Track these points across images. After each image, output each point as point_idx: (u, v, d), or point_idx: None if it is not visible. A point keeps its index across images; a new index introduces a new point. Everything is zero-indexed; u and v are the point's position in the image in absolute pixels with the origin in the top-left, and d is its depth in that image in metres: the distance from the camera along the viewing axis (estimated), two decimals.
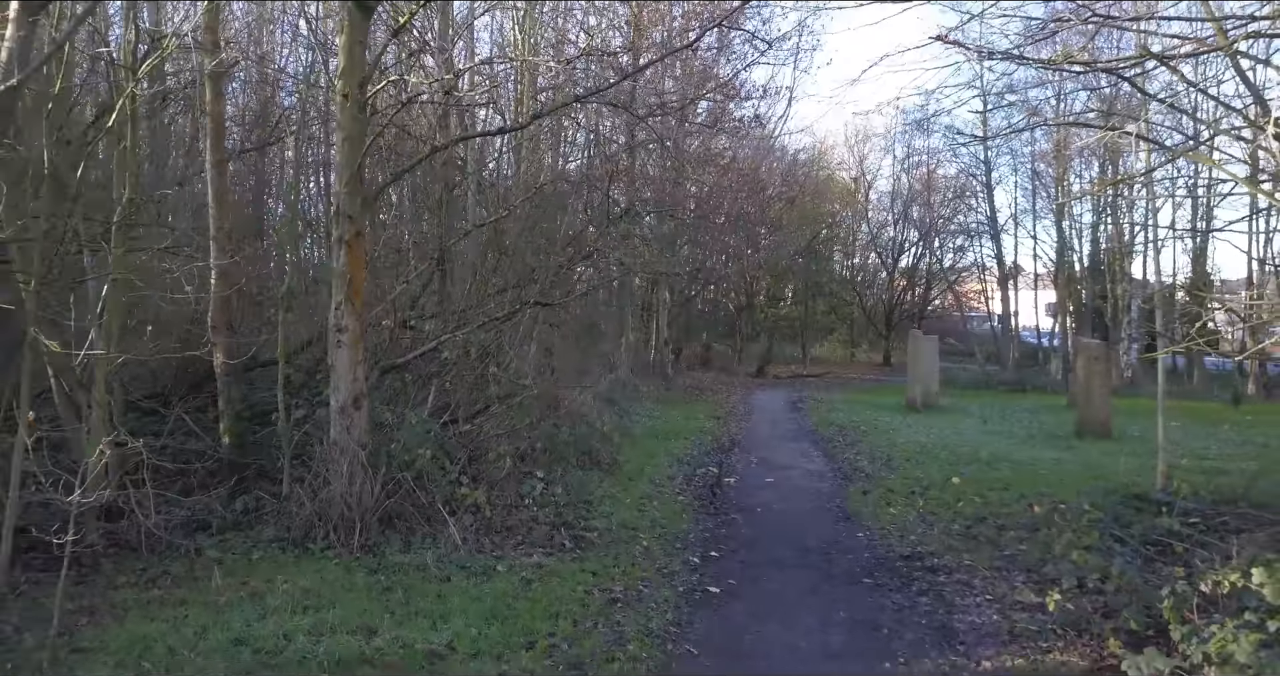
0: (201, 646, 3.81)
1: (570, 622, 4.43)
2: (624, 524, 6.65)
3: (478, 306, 7.90)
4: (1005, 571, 5.64)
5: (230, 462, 6.70)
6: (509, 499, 6.38)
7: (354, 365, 5.91)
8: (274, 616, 4.20)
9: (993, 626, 4.66)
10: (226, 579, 4.73)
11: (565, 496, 6.72)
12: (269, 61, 12.76)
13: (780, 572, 5.71)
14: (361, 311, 5.94)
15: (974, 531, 6.73)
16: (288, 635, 3.95)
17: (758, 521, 7.19)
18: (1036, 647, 4.30)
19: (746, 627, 4.63)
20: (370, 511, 5.71)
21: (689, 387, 18.73)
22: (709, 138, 16.15)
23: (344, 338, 5.87)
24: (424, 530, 5.79)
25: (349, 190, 5.81)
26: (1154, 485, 7.69)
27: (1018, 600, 5.03)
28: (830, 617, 4.81)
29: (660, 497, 7.78)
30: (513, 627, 4.29)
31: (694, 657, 4.18)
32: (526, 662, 3.90)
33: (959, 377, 22.58)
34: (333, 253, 5.92)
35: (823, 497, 8.17)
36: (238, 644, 3.84)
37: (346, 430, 5.86)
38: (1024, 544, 6.12)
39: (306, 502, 5.77)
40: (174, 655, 3.71)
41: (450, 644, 4.02)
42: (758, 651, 4.30)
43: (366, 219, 6.08)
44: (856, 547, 6.35)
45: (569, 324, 11.74)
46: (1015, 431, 13.39)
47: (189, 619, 4.16)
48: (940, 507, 7.51)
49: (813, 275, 29.58)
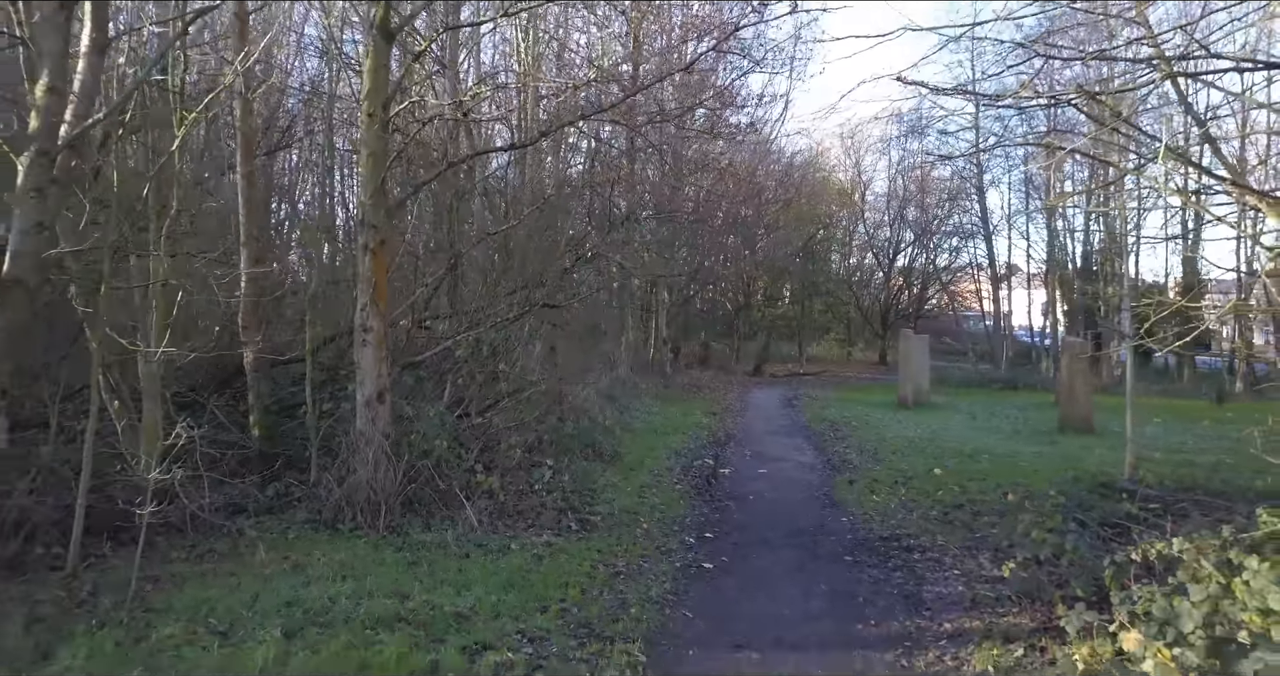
0: (257, 607, 4.34)
1: (579, 591, 4.97)
2: (625, 509, 7.19)
3: (488, 307, 8.41)
4: (974, 550, 6.16)
5: (260, 453, 7.23)
6: (520, 485, 6.91)
7: (378, 362, 6.44)
8: (316, 584, 4.74)
9: (957, 596, 5.19)
10: (269, 553, 5.26)
11: (571, 484, 7.24)
12: (279, 70, 13.28)
13: (769, 551, 6.24)
14: (385, 313, 6.47)
15: (950, 516, 7.26)
16: (331, 599, 4.49)
17: (750, 508, 7.73)
18: (994, 612, 4.83)
19: (736, 597, 5.17)
20: (394, 496, 6.24)
21: (687, 385, 19.24)
22: (706, 142, 16.65)
23: (369, 337, 6.40)
24: (443, 513, 6.32)
25: (373, 202, 6.35)
26: (1122, 475, 8.26)
27: (982, 574, 5.57)
28: (812, 589, 5.35)
29: (659, 487, 8.32)
30: (528, 595, 4.83)
31: (689, 620, 4.72)
32: (541, 623, 4.44)
33: (953, 376, 23.03)
34: (358, 259, 6.44)
35: (811, 487, 8.70)
36: (288, 605, 4.38)
37: (371, 421, 6.39)
38: (995, 527, 6.64)
39: (335, 488, 6.30)
40: (234, 614, 4.25)
41: (473, 607, 4.55)
42: (745, 615, 4.84)
43: (389, 227, 6.60)
44: (840, 530, 6.89)
45: (572, 324, 12.25)
46: (1001, 427, 13.90)
47: (241, 586, 4.69)
48: (920, 496, 8.04)
49: (809, 275, 30.08)
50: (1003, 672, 3.96)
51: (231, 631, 4.03)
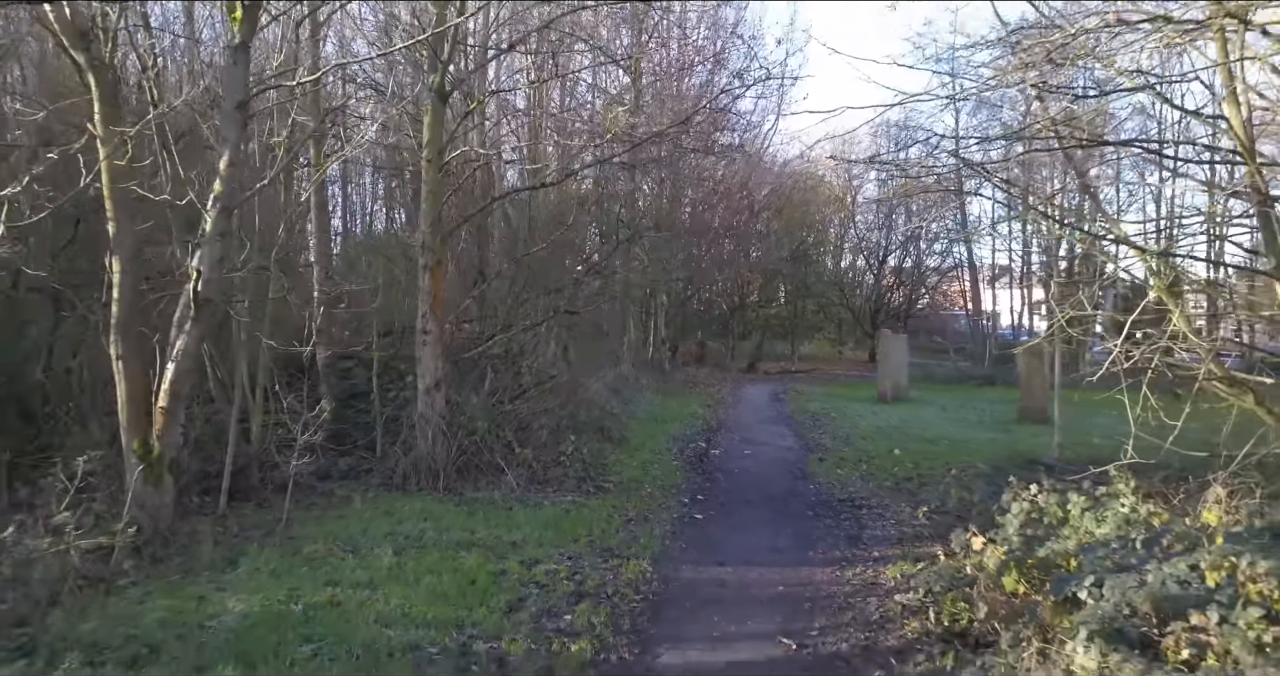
0: (367, 536, 5.95)
1: (600, 530, 6.58)
2: (632, 479, 8.79)
3: (515, 312, 10.02)
4: (911, 507, 7.76)
5: (331, 432, 8.83)
6: (547, 459, 8.53)
7: (435, 358, 8.04)
8: (405, 523, 6.35)
9: (888, 536, 6.80)
10: (364, 504, 6.87)
11: (589, 458, 8.85)
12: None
13: (748, 509, 7.86)
14: (441, 318, 8.07)
15: (899, 486, 8.86)
16: (420, 532, 6.10)
17: (735, 479, 9.34)
18: (912, 545, 6.42)
19: (720, 536, 6.79)
20: (449, 464, 7.85)
21: (684, 381, 20.82)
22: (699, 158, 18.22)
23: (428, 338, 8.00)
24: (488, 479, 7.94)
25: (431, 230, 7.95)
26: (1049, 454, 9.88)
27: (912, 523, 7.16)
28: (778, 532, 6.96)
29: (659, 463, 9.93)
30: (562, 532, 6.44)
31: (684, 549, 6.35)
32: (575, 549, 6.05)
33: (935, 373, 24.43)
34: (419, 275, 8.04)
35: (788, 464, 10.31)
36: (390, 535, 5.98)
37: (430, 406, 7.99)
38: (934, 492, 8.25)
39: (401, 458, 7.91)
40: (353, 540, 5.85)
41: (523, 539, 6.15)
42: (726, 547, 6.45)
43: (444, 250, 8.20)
44: (807, 495, 8.50)
45: (581, 326, 13.84)
46: (967, 418, 15.48)
47: (350, 525, 6.30)
48: (879, 471, 9.64)
49: (802, 277, 31.65)
50: (904, 578, 5.55)
51: (356, 550, 5.64)
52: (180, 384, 5.46)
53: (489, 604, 4.80)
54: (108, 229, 5.47)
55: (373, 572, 5.19)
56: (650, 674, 4.19)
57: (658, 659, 4.36)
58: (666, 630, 4.73)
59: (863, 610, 5.11)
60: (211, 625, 4.27)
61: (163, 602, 4.53)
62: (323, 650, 4.05)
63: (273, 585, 4.89)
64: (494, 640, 4.34)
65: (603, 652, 4.34)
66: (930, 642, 4.52)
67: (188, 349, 5.43)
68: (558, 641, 4.37)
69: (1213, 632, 3.56)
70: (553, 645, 4.32)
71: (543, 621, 4.66)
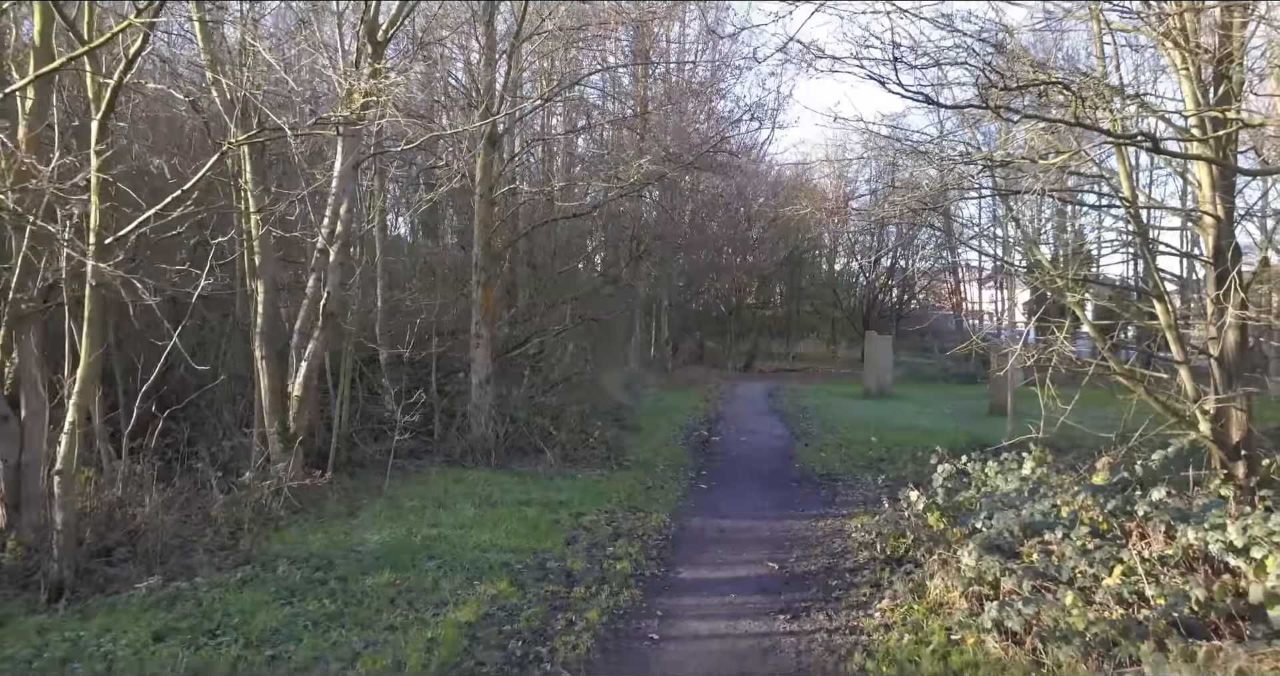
0: (448, 496, 7.68)
1: (627, 494, 8.32)
2: (647, 459, 10.53)
3: (546, 317, 11.74)
4: (876, 479, 9.48)
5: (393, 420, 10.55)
6: (577, 441, 10.25)
7: (486, 358, 9.76)
8: (476, 487, 8.09)
9: (856, 500, 8.53)
10: (438, 475, 8.60)
11: (611, 442, 10.59)
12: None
13: (742, 482, 9.59)
14: (490, 324, 9.79)
15: (872, 465, 10.59)
16: (489, 493, 7.84)
17: (732, 460, 11.08)
18: (874, 505, 8.14)
19: (720, 500, 8.53)
20: (498, 445, 9.57)
21: (685, 379, 22.55)
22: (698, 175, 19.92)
23: (481, 341, 9.72)
24: (530, 458, 9.67)
25: (483, 252, 9.66)
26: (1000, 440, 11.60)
27: (876, 489, 8.88)
28: (765, 498, 8.69)
29: (669, 446, 11.66)
30: (598, 495, 8.17)
31: (693, 508, 8.10)
32: (608, 506, 7.78)
33: (922, 371, 26.06)
34: (473, 291, 9.77)
35: (778, 448, 12.05)
36: (467, 495, 7.71)
37: (483, 397, 9.71)
38: (895, 468, 9.98)
39: (459, 440, 9.63)
40: (438, 499, 7.57)
41: (568, 499, 7.89)
42: (725, 507, 8.19)
43: (494, 269, 9.92)
44: (792, 471, 10.24)
45: (596, 329, 15.56)
46: (942, 411, 17.19)
47: (431, 489, 8.02)
48: (856, 455, 11.36)
49: (797, 280, 33.35)
50: (862, 527, 7.26)
51: (444, 505, 7.37)
52: (310, 377, 7.18)
53: (552, 539, 6.55)
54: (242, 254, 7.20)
55: (461, 519, 6.92)
56: (672, 581, 5.92)
57: (678, 574, 6.09)
58: (683, 557, 6.47)
59: (829, 546, 6.86)
60: (359, 549, 6.00)
61: (317, 536, 6.26)
62: (444, 564, 5.78)
63: (391, 526, 6.62)
64: (560, 560, 6.07)
65: (638, 569, 6.07)
66: (875, 565, 6.26)
67: (316, 351, 7.15)
68: (606, 562, 6.10)
69: (1055, 543, 5.28)
70: (603, 564, 6.05)
71: (593, 550, 6.40)
